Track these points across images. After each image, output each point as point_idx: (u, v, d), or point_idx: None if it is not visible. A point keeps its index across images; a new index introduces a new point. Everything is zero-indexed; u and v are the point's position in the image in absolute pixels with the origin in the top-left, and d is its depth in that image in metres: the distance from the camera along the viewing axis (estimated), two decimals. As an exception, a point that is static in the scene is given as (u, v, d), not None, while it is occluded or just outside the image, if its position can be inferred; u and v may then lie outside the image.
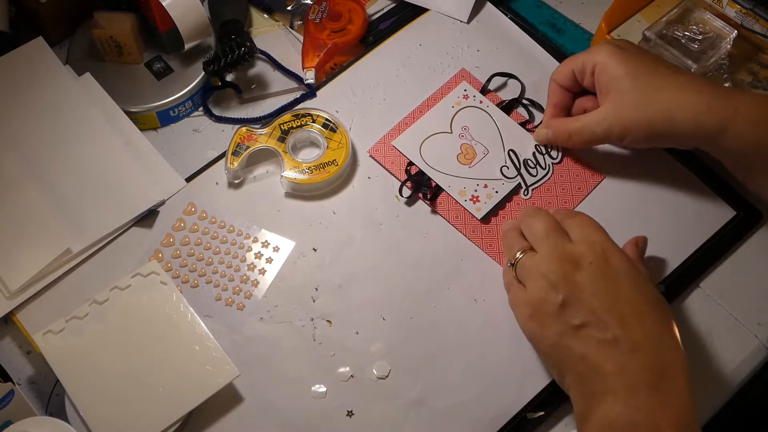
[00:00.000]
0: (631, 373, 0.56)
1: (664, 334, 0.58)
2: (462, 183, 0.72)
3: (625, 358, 0.56)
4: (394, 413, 0.64)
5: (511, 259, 0.64)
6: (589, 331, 0.58)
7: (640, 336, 0.57)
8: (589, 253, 0.60)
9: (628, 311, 0.58)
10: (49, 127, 0.74)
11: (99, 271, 0.69)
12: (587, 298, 0.58)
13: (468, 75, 0.78)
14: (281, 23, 0.84)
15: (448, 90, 0.77)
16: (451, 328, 0.67)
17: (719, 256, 0.71)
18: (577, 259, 0.60)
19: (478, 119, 0.76)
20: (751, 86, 0.75)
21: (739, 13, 0.77)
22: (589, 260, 0.60)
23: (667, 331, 0.58)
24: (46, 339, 0.62)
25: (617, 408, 0.55)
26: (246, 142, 0.73)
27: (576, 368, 0.58)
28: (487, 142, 0.75)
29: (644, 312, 0.58)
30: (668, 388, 0.55)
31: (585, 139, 0.70)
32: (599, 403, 0.56)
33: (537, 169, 0.74)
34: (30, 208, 0.69)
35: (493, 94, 0.78)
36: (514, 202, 0.72)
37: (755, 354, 0.67)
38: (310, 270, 0.70)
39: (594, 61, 0.69)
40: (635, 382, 0.55)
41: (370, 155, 0.75)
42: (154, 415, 0.60)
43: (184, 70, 0.78)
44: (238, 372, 0.62)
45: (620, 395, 0.55)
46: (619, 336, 0.56)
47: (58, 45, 0.81)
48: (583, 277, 0.59)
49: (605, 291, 0.58)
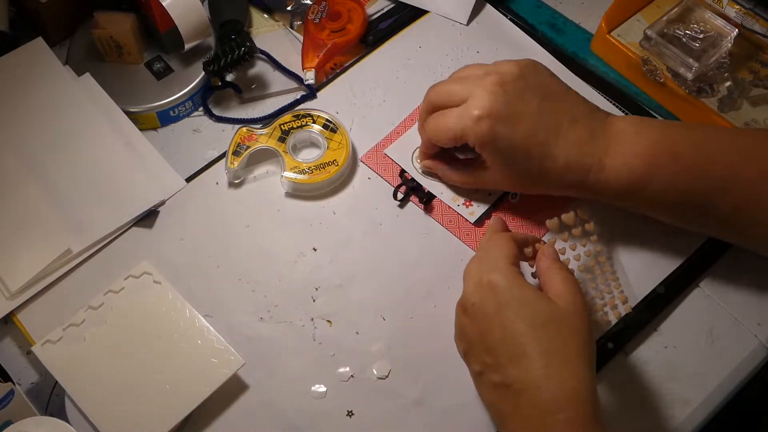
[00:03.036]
0: (522, 413, 0.54)
1: (549, 365, 0.53)
2: (455, 189, 0.73)
3: (516, 399, 0.54)
4: (394, 413, 0.64)
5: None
6: (487, 376, 0.56)
7: (523, 374, 0.54)
8: (474, 293, 0.58)
9: (511, 350, 0.54)
10: (49, 127, 0.74)
11: (99, 271, 0.69)
12: (476, 343, 0.57)
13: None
14: (281, 23, 0.84)
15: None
16: (451, 328, 0.66)
17: (719, 256, 0.71)
18: (465, 304, 0.59)
19: None
20: (751, 85, 0.75)
21: (739, 13, 0.77)
22: (472, 302, 0.58)
23: (554, 357, 0.54)
24: (45, 348, 0.62)
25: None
26: (246, 142, 0.73)
27: (491, 413, 0.60)
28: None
29: (527, 345, 0.54)
30: (554, 422, 0.52)
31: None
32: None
33: None
34: (30, 209, 0.69)
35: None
36: (505, 204, 0.72)
37: (755, 354, 0.67)
38: (310, 270, 0.70)
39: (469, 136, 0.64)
40: (526, 422, 0.53)
41: (363, 162, 0.74)
42: (163, 412, 0.60)
43: (184, 70, 0.78)
44: (243, 361, 0.62)
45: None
46: (507, 377, 0.54)
47: (58, 45, 0.81)
48: (469, 323, 0.58)
49: (488, 332, 0.56)
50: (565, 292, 0.57)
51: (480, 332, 0.57)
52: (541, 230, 0.71)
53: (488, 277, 0.58)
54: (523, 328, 0.55)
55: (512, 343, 0.55)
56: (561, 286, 0.57)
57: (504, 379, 0.54)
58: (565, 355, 0.54)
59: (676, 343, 0.67)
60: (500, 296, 0.56)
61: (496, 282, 0.57)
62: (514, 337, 0.55)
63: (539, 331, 0.54)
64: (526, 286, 0.57)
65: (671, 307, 0.69)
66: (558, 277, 0.58)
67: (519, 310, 0.55)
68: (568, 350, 0.54)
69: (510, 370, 0.54)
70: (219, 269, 0.69)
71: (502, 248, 0.60)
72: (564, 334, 0.55)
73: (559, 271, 0.59)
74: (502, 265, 0.58)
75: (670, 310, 0.68)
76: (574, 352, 0.54)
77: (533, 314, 0.55)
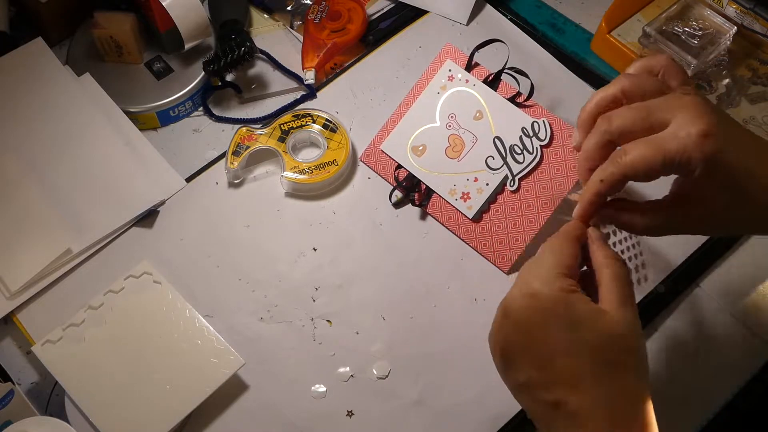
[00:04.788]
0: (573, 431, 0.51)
1: (610, 393, 0.50)
2: (452, 181, 0.72)
3: (569, 421, 0.51)
4: (394, 413, 0.64)
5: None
6: (534, 390, 0.52)
7: (578, 399, 0.50)
8: (518, 300, 0.53)
9: (563, 372, 0.51)
10: (48, 127, 0.74)
11: (99, 271, 0.69)
12: (520, 354, 0.53)
13: (453, 51, 0.75)
14: (281, 23, 0.84)
15: (433, 73, 0.75)
16: (451, 327, 0.67)
17: (719, 256, 0.71)
18: (507, 308, 0.54)
19: (465, 103, 0.73)
20: (750, 82, 0.75)
21: (739, 13, 0.77)
22: (515, 308, 0.53)
23: (610, 386, 0.50)
24: (45, 349, 0.62)
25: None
26: (246, 142, 0.73)
27: (533, 419, 0.54)
28: (474, 128, 0.72)
29: (578, 368, 0.51)
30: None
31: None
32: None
33: (524, 154, 0.70)
34: (30, 209, 0.70)
35: (481, 68, 0.74)
36: (504, 194, 0.71)
37: (755, 354, 0.67)
38: (310, 270, 0.70)
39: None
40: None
41: (363, 161, 0.74)
42: (163, 412, 0.60)
43: (184, 70, 0.78)
44: (243, 361, 0.62)
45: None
46: (560, 397, 0.51)
47: (58, 45, 0.81)
48: (512, 330, 0.53)
49: (534, 347, 0.52)
50: (616, 293, 0.52)
51: (524, 345, 0.53)
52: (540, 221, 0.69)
53: (535, 287, 0.53)
54: (573, 350, 0.51)
55: (563, 364, 0.51)
56: (612, 283, 0.53)
57: (557, 398, 0.51)
58: (620, 385, 0.50)
59: (675, 343, 0.67)
60: (546, 311, 0.52)
61: (541, 295, 0.52)
62: (564, 358, 0.51)
63: (593, 355, 0.51)
64: (573, 302, 0.52)
65: (671, 307, 0.69)
66: (608, 273, 0.53)
67: (567, 329, 0.51)
68: (622, 377, 0.51)
69: (564, 392, 0.51)
70: (219, 269, 0.69)
71: (554, 255, 0.54)
72: (617, 354, 0.51)
73: (609, 266, 0.53)
74: (551, 275, 0.53)
75: (670, 310, 0.68)
76: (627, 377, 0.51)
77: (584, 336, 0.51)
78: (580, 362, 0.51)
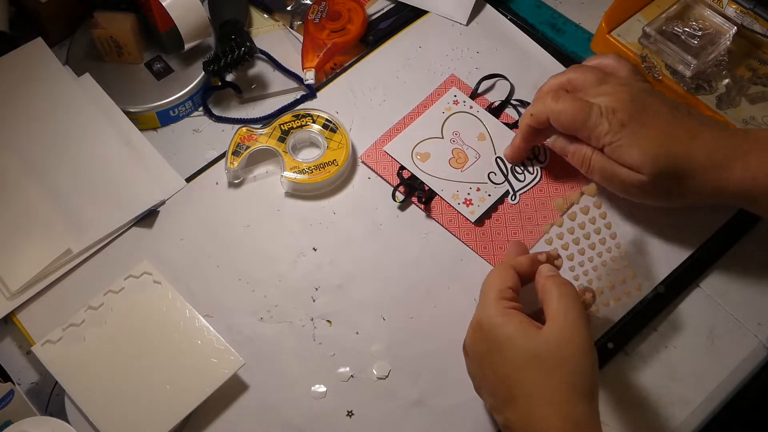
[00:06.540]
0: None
1: (535, 405, 0.53)
2: (455, 187, 0.72)
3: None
4: (394, 413, 0.64)
5: None
6: (495, 414, 0.58)
7: (516, 417, 0.54)
8: (470, 335, 0.59)
9: (503, 393, 0.55)
10: (48, 127, 0.74)
11: (99, 271, 0.69)
12: (480, 384, 0.59)
13: (457, 81, 0.78)
14: (281, 23, 0.84)
15: (438, 96, 0.77)
16: (451, 328, 0.67)
17: (719, 256, 0.71)
18: (465, 346, 0.60)
19: (469, 124, 0.76)
20: (750, 82, 0.75)
21: (739, 13, 0.77)
22: (468, 343, 0.60)
23: (538, 399, 0.53)
24: (45, 349, 0.62)
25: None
26: (246, 142, 0.73)
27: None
28: (477, 147, 0.75)
29: (513, 388, 0.54)
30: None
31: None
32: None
33: (525, 174, 0.73)
34: (30, 209, 0.70)
35: (483, 98, 0.78)
36: (505, 205, 0.72)
37: (755, 354, 0.67)
38: (310, 270, 0.70)
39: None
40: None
41: (363, 161, 0.74)
42: (163, 412, 0.60)
43: (184, 70, 0.78)
44: (243, 361, 0.62)
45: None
46: (507, 420, 0.55)
47: (58, 45, 0.81)
48: (470, 364, 0.60)
49: (483, 376, 0.58)
50: (559, 312, 0.55)
51: (480, 375, 0.58)
52: (540, 231, 0.71)
53: (478, 317, 0.58)
54: (508, 371, 0.55)
55: (501, 386, 0.55)
56: (556, 304, 0.56)
57: (505, 421, 0.56)
58: (548, 395, 0.53)
59: (676, 343, 0.67)
60: (487, 338, 0.56)
61: (483, 323, 0.57)
62: (502, 380, 0.55)
63: (521, 372, 0.54)
64: (510, 323, 0.55)
65: (671, 307, 0.69)
66: (554, 294, 0.56)
67: (503, 352, 0.55)
68: (552, 388, 0.53)
69: (506, 413, 0.55)
70: (219, 269, 0.69)
71: (493, 283, 0.59)
72: (546, 369, 0.53)
73: (554, 288, 0.57)
74: (490, 302, 0.57)
75: (670, 310, 0.68)
76: (559, 387, 0.53)
77: (516, 355, 0.54)
78: (514, 380, 0.54)
